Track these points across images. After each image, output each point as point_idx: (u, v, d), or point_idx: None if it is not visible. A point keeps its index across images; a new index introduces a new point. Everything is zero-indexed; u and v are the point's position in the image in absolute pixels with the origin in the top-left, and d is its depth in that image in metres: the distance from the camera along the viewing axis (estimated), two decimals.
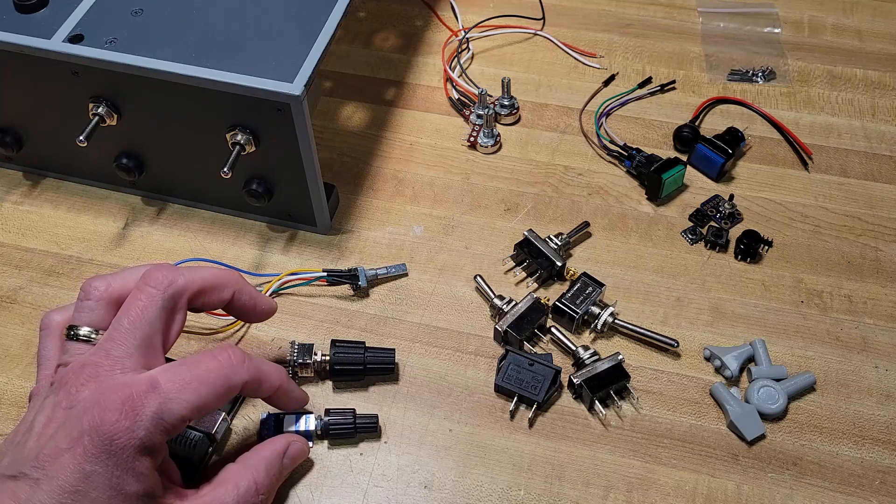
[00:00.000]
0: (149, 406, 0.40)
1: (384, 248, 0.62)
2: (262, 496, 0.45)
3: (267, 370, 0.46)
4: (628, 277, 0.60)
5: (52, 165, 0.66)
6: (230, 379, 0.43)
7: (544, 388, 0.52)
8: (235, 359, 0.44)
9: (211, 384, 0.42)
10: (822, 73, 0.75)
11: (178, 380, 0.41)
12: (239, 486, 0.44)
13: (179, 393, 0.41)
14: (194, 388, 0.41)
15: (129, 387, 0.40)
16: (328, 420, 0.51)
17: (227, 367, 0.43)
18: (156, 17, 0.57)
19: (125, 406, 0.39)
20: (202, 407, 0.42)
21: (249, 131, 0.55)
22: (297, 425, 0.51)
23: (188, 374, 0.42)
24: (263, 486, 0.45)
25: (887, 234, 0.63)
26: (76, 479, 0.38)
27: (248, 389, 0.45)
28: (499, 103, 0.70)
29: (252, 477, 0.45)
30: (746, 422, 0.52)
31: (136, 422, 0.39)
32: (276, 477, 0.46)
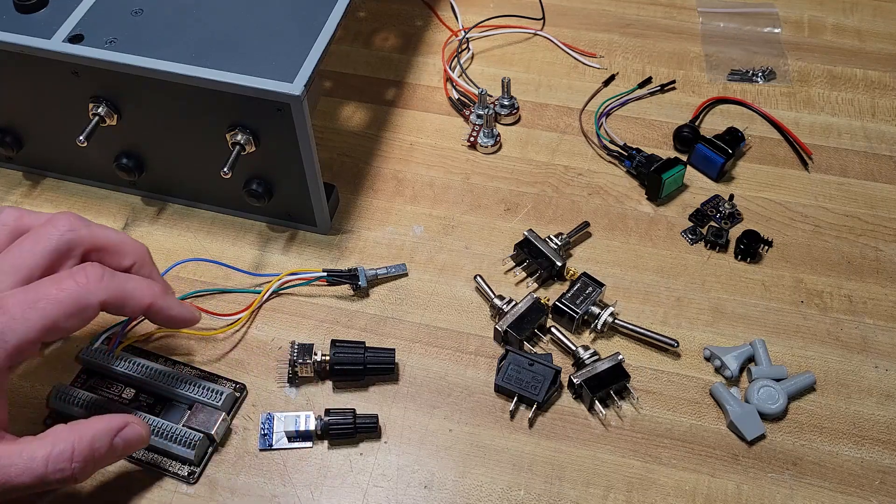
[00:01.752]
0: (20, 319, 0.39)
1: (384, 248, 0.62)
2: (75, 465, 0.41)
3: (133, 287, 0.44)
4: (628, 277, 0.60)
5: (52, 165, 0.66)
6: (84, 298, 0.42)
7: (544, 388, 0.52)
8: (93, 276, 0.42)
9: (61, 303, 0.41)
10: (822, 73, 0.75)
11: (27, 299, 0.40)
12: (55, 445, 0.41)
13: (25, 313, 0.39)
14: (41, 308, 0.40)
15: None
16: (328, 420, 0.51)
17: (82, 287, 0.42)
18: (156, 17, 0.57)
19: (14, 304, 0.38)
20: (51, 328, 0.40)
21: (249, 131, 0.55)
22: (297, 425, 0.51)
23: (37, 293, 0.40)
24: (81, 454, 0.41)
25: (887, 234, 0.63)
26: None
27: (111, 309, 0.43)
28: (499, 103, 0.70)
29: (72, 441, 0.41)
30: (746, 422, 0.52)
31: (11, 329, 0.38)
32: (99, 452, 0.43)
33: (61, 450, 0.41)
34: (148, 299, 0.45)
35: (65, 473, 0.41)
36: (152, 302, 0.45)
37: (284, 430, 0.51)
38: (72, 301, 0.41)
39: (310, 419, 0.51)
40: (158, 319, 0.47)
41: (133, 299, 0.44)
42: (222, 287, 0.59)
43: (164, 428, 0.50)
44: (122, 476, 0.50)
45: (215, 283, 0.59)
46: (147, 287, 0.45)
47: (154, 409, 0.52)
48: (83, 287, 0.42)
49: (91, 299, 0.42)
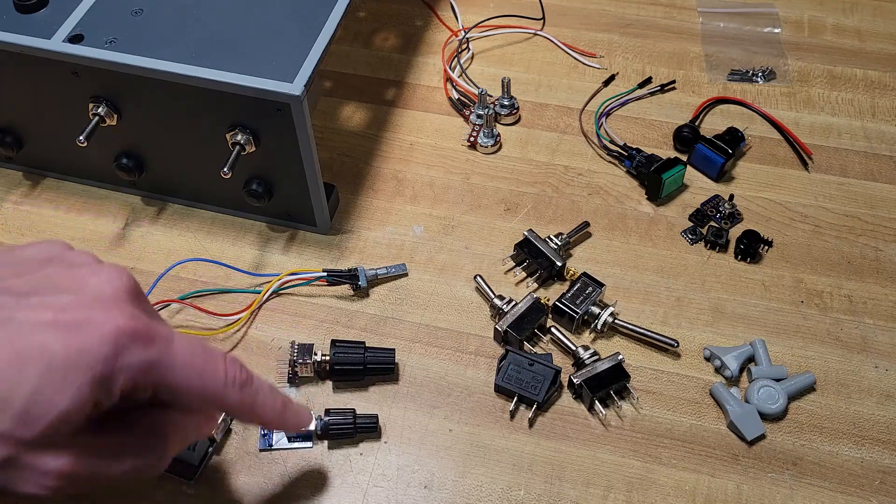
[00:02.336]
0: (149, 351, 0.35)
1: (384, 248, 0.62)
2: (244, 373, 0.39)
3: (262, 404, 0.41)
4: (628, 277, 0.60)
5: (52, 165, 0.66)
6: (226, 395, 0.39)
7: (544, 388, 0.52)
8: (239, 378, 0.39)
9: (206, 385, 0.38)
10: (822, 73, 0.75)
11: (189, 357, 0.37)
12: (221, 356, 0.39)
13: (179, 369, 0.36)
14: (192, 375, 0.37)
15: (144, 323, 0.36)
16: (328, 420, 0.51)
17: (231, 383, 0.39)
18: (156, 17, 0.57)
19: (134, 332, 0.35)
20: (183, 396, 0.37)
21: (249, 131, 0.55)
22: None
23: (200, 358, 0.37)
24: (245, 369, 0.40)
25: (887, 234, 0.63)
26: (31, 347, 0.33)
27: (235, 415, 0.43)
28: (499, 103, 0.70)
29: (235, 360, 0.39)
30: (746, 422, 0.52)
31: (128, 351, 0.35)
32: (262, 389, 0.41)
33: (232, 357, 0.39)
34: (270, 419, 0.42)
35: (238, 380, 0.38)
36: (272, 421, 0.42)
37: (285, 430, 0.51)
38: (216, 389, 0.38)
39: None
40: (279, 427, 0.45)
41: (258, 418, 0.42)
42: (222, 287, 0.59)
43: None
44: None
45: (215, 283, 0.59)
46: (272, 409, 0.42)
47: None
48: (230, 385, 0.39)
49: (229, 398, 0.39)
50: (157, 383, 0.36)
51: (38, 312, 0.34)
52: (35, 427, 0.33)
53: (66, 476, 0.35)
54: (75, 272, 0.37)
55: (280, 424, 0.43)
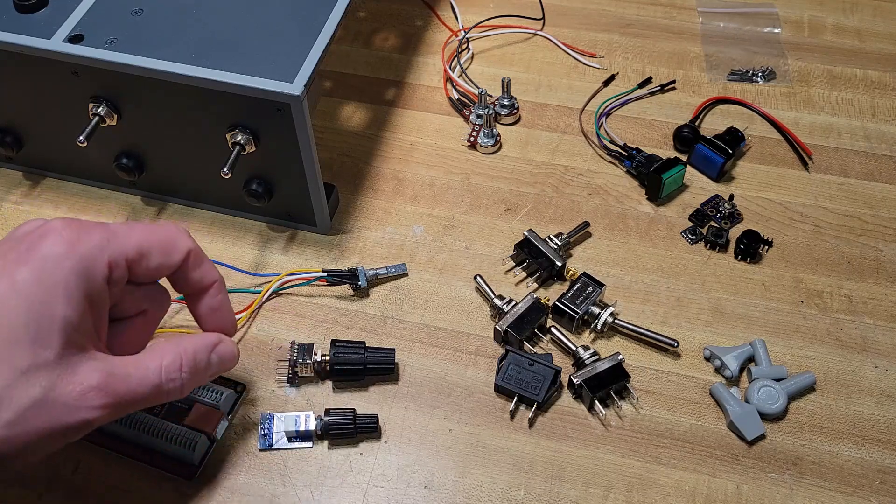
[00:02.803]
0: (95, 233, 0.40)
1: (384, 248, 0.62)
2: (184, 374, 0.43)
3: (209, 261, 0.46)
4: (628, 277, 0.60)
5: (52, 165, 0.66)
6: (178, 237, 0.44)
7: (544, 388, 0.52)
8: (181, 228, 0.45)
9: (158, 234, 0.43)
10: (822, 73, 0.75)
11: (129, 225, 0.42)
12: (164, 356, 0.42)
13: (128, 233, 0.41)
14: (141, 232, 0.42)
15: (75, 219, 0.41)
16: (328, 420, 0.51)
17: (177, 229, 0.44)
18: (156, 17, 0.57)
19: (68, 226, 0.39)
20: (147, 252, 0.42)
21: (249, 131, 0.55)
22: (297, 425, 0.51)
23: (139, 224, 0.43)
24: (188, 364, 0.43)
25: (887, 234, 0.63)
26: (3, 289, 0.37)
27: (189, 264, 0.44)
28: (499, 103, 0.70)
29: (179, 353, 0.43)
30: (746, 422, 0.52)
31: (80, 240, 0.39)
32: (200, 364, 0.44)
33: (171, 360, 0.42)
34: (216, 276, 0.46)
35: (175, 384, 0.42)
36: (218, 280, 0.47)
37: (284, 430, 0.51)
38: (166, 237, 0.43)
39: (310, 419, 0.51)
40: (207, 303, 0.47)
41: (206, 265, 0.45)
42: None
43: (164, 428, 0.50)
44: (122, 476, 0.50)
45: None
46: (216, 269, 0.47)
47: (154, 410, 0.52)
48: (173, 229, 0.44)
49: (181, 243, 0.44)
50: (123, 253, 0.41)
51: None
52: (52, 343, 0.37)
53: (105, 387, 0.39)
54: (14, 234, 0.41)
55: (220, 289, 0.47)
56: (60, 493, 0.49)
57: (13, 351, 0.36)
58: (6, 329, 0.37)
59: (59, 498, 0.49)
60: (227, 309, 0.48)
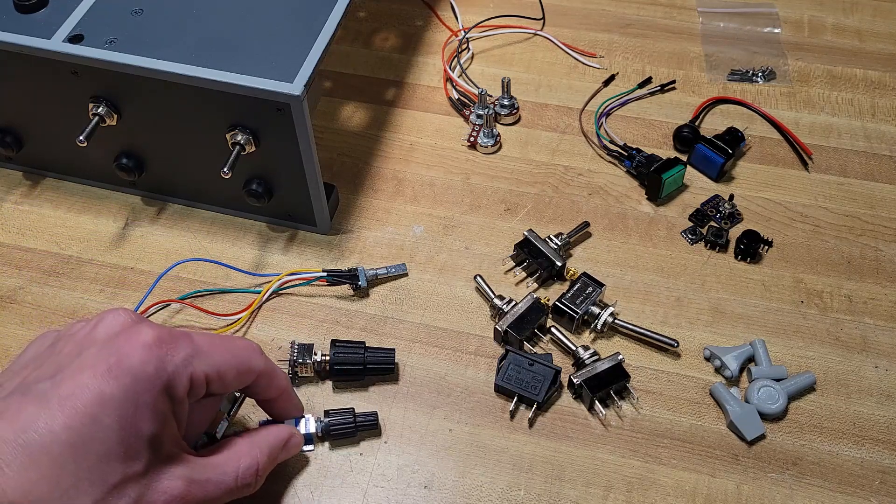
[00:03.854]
0: (182, 349, 0.41)
1: (384, 248, 0.62)
2: (259, 479, 0.45)
3: (278, 371, 0.47)
4: (628, 277, 0.60)
5: (52, 165, 0.66)
6: (252, 359, 0.45)
7: (544, 388, 0.52)
8: (257, 349, 0.46)
9: (237, 356, 0.44)
10: (822, 73, 0.75)
11: (210, 341, 0.43)
12: (241, 462, 0.44)
13: (210, 351, 0.42)
14: (222, 353, 0.43)
15: (163, 327, 0.41)
16: (329, 421, 0.51)
17: (252, 349, 0.45)
18: (156, 17, 0.57)
19: (160, 341, 0.40)
20: (225, 373, 0.43)
21: (249, 131, 0.55)
22: (298, 428, 0.51)
23: (219, 339, 0.44)
24: (264, 468, 0.45)
25: (887, 234, 0.63)
26: (91, 400, 0.37)
27: (261, 382, 0.46)
28: (499, 103, 0.70)
29: (256, 457, 0.44)
30: (746, 422, 0.52)
31: (168, 357, 0.40)
32: (273, 462, 0.46)
33: (248, 465, 0.44)
34: (285, 383, 0.48)
35: (250, 487, 0.44)
36: (287, 386, 0.48)
37: None
38: (245, 357, 0.44)
39: (309, 422, 0.51)
40: (281, 407, 0.49)
41: (277, 380, 0.47)
42: (222, 287, 0.59)
43: None
44: None
45: (215, 283, 0.59)
46: (284, 374, 0.49)
47: None
48: (254, 351, 0.45)
49: (257, 364, 0.45)
50: (204, 371, 0.41)
51: (76, 377, 0.38)
52: (141, 457, 0.38)
53: (187, 495, 0.40)
54: (78, 335, 0.41)
55: (288, 395, 0.49)
56: None
57: (105, 467, 0.37)
58: (99, 444, 0.37)
59: None
60: (295, 405, 0.50)
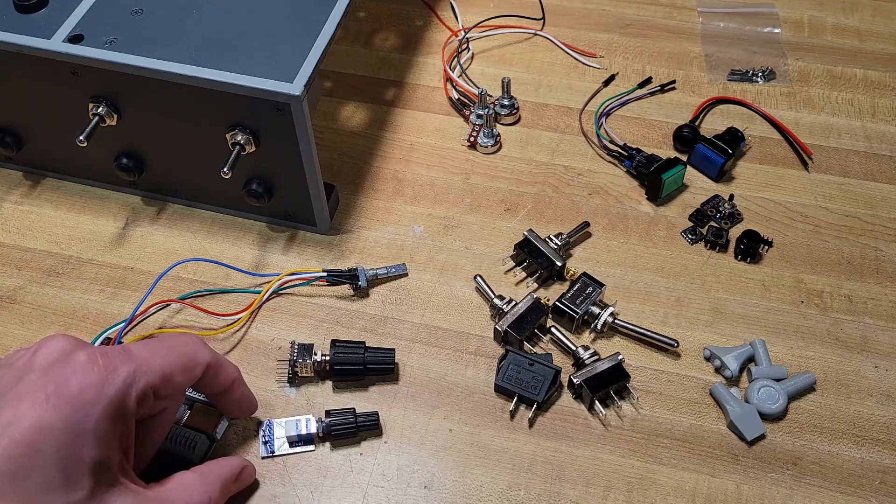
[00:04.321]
0: (122, 368, 0.39)
1: (384, 248, 0.62)
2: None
3: (225, 360, 0.47)
4: (628, 277, 0.60)
5: (52, 165, 0.66)
6: (197, 353, 0.44)
7: (544, 388, 0.52)
8: (199, 340, 0.45)
9: (180, 353, 0.43)
10: (822, 73, 0.75)
11: (149, 348, 0.42)
12: (192, 497, 0.43)
13: (151, 358, 0.41)
14: (164, 354, 0.42)
15: (100, 349, 0.40)
16: (329, 421, 0.51)
17: (193, 345, 0.44)
18: (156, 17, 0.57)
19: (98, 363, 0.39)
20: (171, 374, 0.42)
21: (249, 131, 0.55)
22: (298, 429, 0.51)
23: (158, 342, 0.43)
24: (216, 502, 0.44)
25: (887, 234, 0.63)
26: (29, 429, 0.36)
27: (209, 373, 0.45)
28: (499, 103, 0.70)
29: (208, 492, 0.44)
30: (746, 422, 0.52)
31: (108, 379, 0.39)
32: (226, 497, 0.46)
33: (199, 500, 0.43)
34: (234, 373, 0.47)
35: (199, 338, 0.44)
36: (237, 377, 0.48)
37: (286, 436, 0.51)
38: (189, 354, 0.43)
39: (310, 423, 0.51)
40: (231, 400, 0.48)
41: (224, 371, 0.46)
42: (222, 287, 0.59)
43: None
44: None
45: (215, 283, 0.59)
46: (233, 365, 0.48)
47: None
48: (195, 346, 0.44)
49: (201, 358, 0.44)
50: (148, 382, 0.40)
51: (14, 406, 0.37)
52: (84, 484, 0.37)
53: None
54: (18, 363, 0.41)
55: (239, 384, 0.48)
56: None
57: (45, 497, 0.36)
58: (39, 474, 0.36)
59: None
60: (248, 398, 0.50)
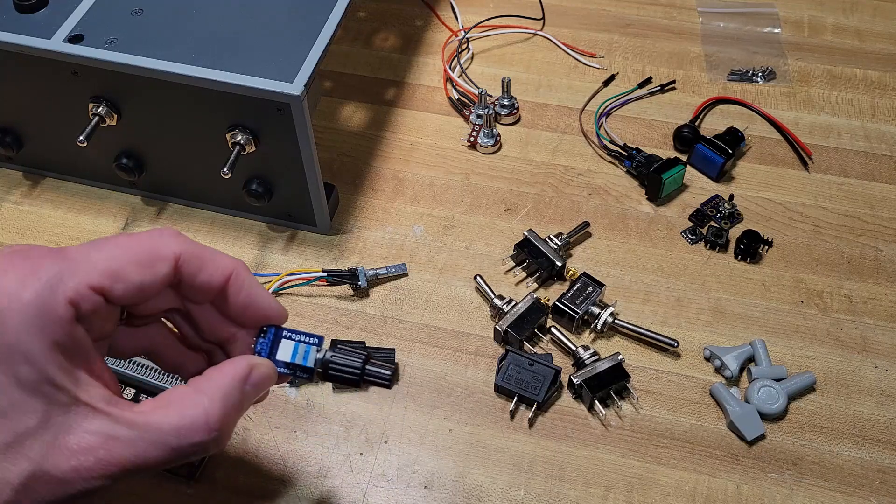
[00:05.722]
0: (45, 268, 0.32)
1: (384, 248, 0.62)
2: (214, 433, 0.34)
3: (215, 252, 0.37)
4: (628, 277, 0.60)
5: (52, 165, 0.66)
6: (157, 246, 0.35)
7: (544, 388, 0.52)
8: (166, 231, 0.36)
9: (133, 246, 0.35)
10: (822, 73, 0.75)
11: (93, 245, 0.35)
12: (184, 414, 0.33)
13: (89, 256, 0.34)
14: (111, 248, 0.34)
15: (25, 249, 0.33)
16: (331, 357, 0.40)
17: (158, 236, 0.36)
18: (156, 17, 0.57)
19: (16, 265, 0.32)
20: (121, 270, 0.34)
21: (249, 131, 0.55)
22: (296, 357, 0.40)
23: (105, 240, 0.35)
24: (217, 420, 0.34)
25: (887, 234, 0.63)
26: None
27: (187, 270, 0.36)
28: (499, 103, 0.70)
29: (203, 406, 0.34)
30: (746, 422, 0.52)
31: (24, 284, 0.31)
32: (234, 409, 0.35)
33: (193, 417, 0.33)
34: (229, 266, 0.37)
35: (203, 444, 0.34)
36: (234, 271, 0.37)
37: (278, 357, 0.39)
38: (142, 248, 0.35)
39: (310, 352, 0.40)
40: (239, 305, 0.38)
41: (213, 263, 0.37)
42: None
43: None
44: None
45: None
46: (230, 258, 0.37)
47: None
48: (155, 235, 0.36)
49: (164, 250, 0.35)
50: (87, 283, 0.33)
51: None
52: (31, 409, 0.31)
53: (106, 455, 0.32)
54: None
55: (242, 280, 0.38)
56: None
57: None
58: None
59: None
60: (262, 297, 0.39)
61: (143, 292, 0.35)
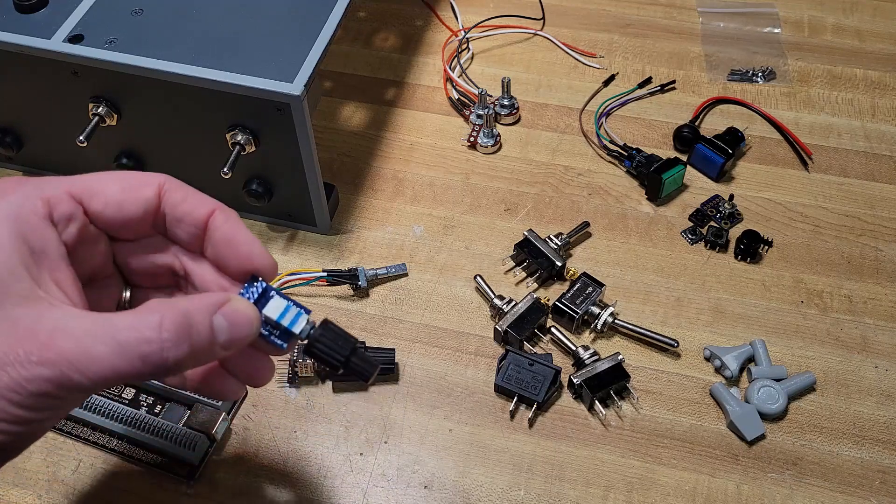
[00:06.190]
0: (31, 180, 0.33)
1: (384, 248, 0.62)
2: (165, 334, 0.31)
3: (196, 192, 0.37)
4: (628, 277, 0.60)
5: (52, 165, 0.66)
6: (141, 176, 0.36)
7: (544, 388, 0.52)
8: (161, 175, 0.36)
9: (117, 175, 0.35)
10: (822, 73, 0.75)
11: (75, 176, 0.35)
12: (140, 315, 0.31)
13: (72, 177, 0.34)
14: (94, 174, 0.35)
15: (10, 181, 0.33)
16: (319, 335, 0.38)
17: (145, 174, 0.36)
18: (156, 17, 0.57)
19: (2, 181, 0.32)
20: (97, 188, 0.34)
21: (249, 131, 0.55)
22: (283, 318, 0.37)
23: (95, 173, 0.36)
24: (171, 323, 0.31)
25: (887, 234, 0.63)
26: None
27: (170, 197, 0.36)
28: (499, 103, 0.70)
29: (161, 311, 0.31)
30: (746, 422, 0.52)
31: (6, 187, 0.32)
32: (196, 329, 0.32)
33: (146, 319, 0.31)
34: (215, 203, 0.36)
35: (152, 346, 0.30)
36: (219, 206, 0.36)
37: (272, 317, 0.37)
38: (127, 174, 0.35)
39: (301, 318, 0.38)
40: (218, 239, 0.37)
41: (197, 196, 0.36)
42: None
43: (164, 428, 0.50)
44: (122, 476, 0.50)
45: None
46: (210, 198, 0.37)
47: (154, 409, 0.52)
48: (146, 173, 0.36)
49: (149, 178, 0.35)
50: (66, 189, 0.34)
51: None
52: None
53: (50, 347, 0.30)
54: None
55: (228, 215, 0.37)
56: (60, 493, 0.49)
57: None
58: None
59: (58, 498, 0.49)
60: (247, 235, 0.37)
61: (125, 213, 0.35)
